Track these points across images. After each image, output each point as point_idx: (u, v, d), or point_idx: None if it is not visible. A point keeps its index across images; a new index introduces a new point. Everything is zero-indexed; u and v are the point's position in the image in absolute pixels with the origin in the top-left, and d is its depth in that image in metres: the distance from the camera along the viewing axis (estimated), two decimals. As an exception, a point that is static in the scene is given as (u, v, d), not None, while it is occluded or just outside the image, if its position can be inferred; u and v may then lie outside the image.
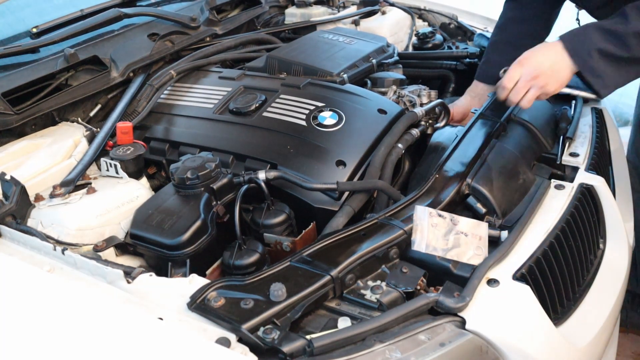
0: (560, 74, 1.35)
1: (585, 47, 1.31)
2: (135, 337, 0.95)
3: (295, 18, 2.41)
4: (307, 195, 1.38)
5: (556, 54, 1.34)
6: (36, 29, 1.78)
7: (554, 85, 1.36)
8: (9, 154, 1.48)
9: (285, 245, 1.30)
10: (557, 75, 1.35)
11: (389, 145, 1.46)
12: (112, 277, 1.08)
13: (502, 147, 1.46)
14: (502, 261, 1.17)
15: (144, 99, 1.71)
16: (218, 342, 0.93)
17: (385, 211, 1.24)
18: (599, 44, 1.30)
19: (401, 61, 1.98)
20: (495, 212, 1.32)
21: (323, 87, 1.67)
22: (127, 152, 1.47)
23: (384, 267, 1.15)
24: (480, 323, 1.04)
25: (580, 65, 1.33)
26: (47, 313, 1.00)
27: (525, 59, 1.38)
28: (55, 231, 1.26)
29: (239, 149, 1.49)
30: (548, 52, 1.36)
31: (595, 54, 1.31)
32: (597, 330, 1.28)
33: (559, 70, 1.35)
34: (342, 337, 0.96)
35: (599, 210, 1.50)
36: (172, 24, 2.01)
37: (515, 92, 1.38)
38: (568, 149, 1.58)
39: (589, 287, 1.38)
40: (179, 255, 1.22)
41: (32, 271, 1.10)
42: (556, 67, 1.34)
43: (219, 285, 1.05)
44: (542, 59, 1.35)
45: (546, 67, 1.35)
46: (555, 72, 1.35)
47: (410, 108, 1.69)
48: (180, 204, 1.29)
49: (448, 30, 2.39)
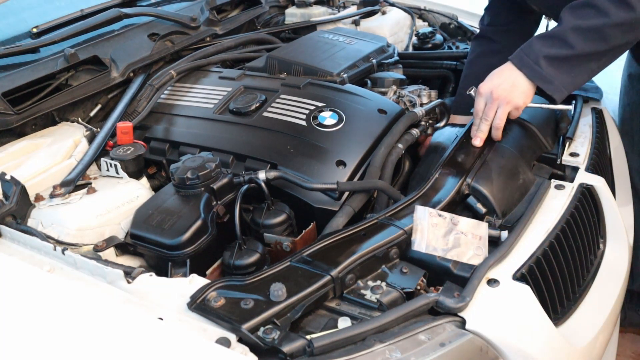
0: (521, 88, 1.40)
1: (532, 57, 1.37)
2: (135, 337, 0.95)
3: (295, 18, 2.41)
4: (307, 195, 1.38)
5: (510, 72, 1.40)
6: (36, 29, 1.78)
7: (519, 98, 1.41)
8: (9, 154, 1.48)
9: (285, 245, 1.30)
10: (517, 89, 1.40)
11: (389, 146, 1.46)
12: (112, 277, 1.08)
13: (502, 147, 1.46)
14: (502, 261, 1.17)
15: (144, 99, 1.71)
16: (218, 342, 0.93)
17: (385, 211, 1.24)
18: (543, 51, 1.35)
19: (401, 61, 1.98)
20: (495, 212, 1.32)
21: (323, 87, 1.67)
22: (127, 152, 1.47)
23: (384, 267, 1.15)
24: (480, 323, 1.03)
25: (530, 75, 1.38)
26: (47, 313, 1.00)
27: (483, 88, 1.43)
28: (56, 231, 1.26)
29: (239, 149, 1.49)
30: (502, 74, 1.42)
31: (542, 62, 1.36)
32: (597, 330, 1.28)
33: (518, 85, 1.40)
34: (342, 337, 0.96)
35: (599, 210, 1.50)
36: (172, 24, 2.01)
37: (485, 118, 1.43)
38: (568, 149, 1.58)
39: (589, 287, 1.37)
40: (179, 255, 1.22)
41: (32, 271, 1.10)
42: (514, 83, 1.40)
43: (219, 285, 1.05)
44: (498, 81, 1.41)
45: (504, 87, 1.40)
46: (514, 87, 1.40)
47: (410, 108, 1.69)
48: (180, 204, 1.29)
49: (448, 30, 2.40)
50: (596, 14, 1.32)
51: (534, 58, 1.37)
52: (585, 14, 1.34)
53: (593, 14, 1.33)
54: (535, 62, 1.36)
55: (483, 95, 1.44)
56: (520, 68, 1.39)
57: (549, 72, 1.36)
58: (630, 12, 1.30)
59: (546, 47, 1.36)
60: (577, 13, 1.35)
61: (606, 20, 1.31)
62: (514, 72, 1.40)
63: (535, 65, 1.37)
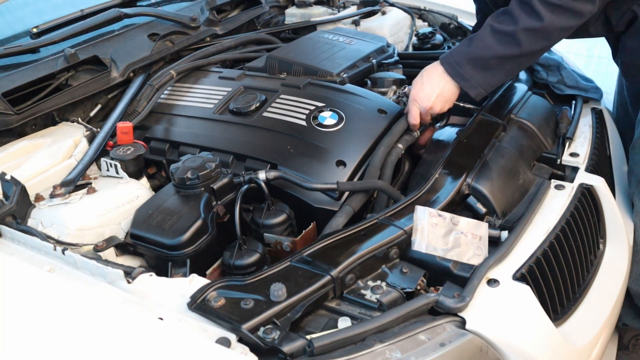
0: (449, 95, 1.54)
1: (454, 57, 1.50)
2: (136, 337, 0.95)
3: (295, 18, 2.41)
4: (307, 195, 1.38)
5: (438, 77, 1.52)
6: (36, 29, 1.78)
7: (447, 105, 1.56)
8: (9, 154, 1.48)
9: (285, 245, 1.30)
10: (446, 97, 1.53)
11: (389, 146, 1.47)
12: (113, 277, 1.08)
13: (502, 147, 1.46)
14: (502, 261, 1.17)
15: (144, 99, 1.71)
16: (218, 342, 0.93)
17: (385, 211, 1.24)
18: (465, 52, 1.48)
19: (401, 61, 1.98)
20: (495, 212, 1.32)
21: (323, 87, 1.67)
22: (127, 152, 1.47)
23: (384, 267, 1.15)
24: (481, 323, 1.04)
25: (450, 73, 1.50)
26: (47, 313, 1.01)
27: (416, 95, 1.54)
28: (56, 231, 1.26)
29: (239, 149, 1.49)
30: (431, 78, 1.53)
31: (463, 62, 1.48)
32: (597, 330, 1.28)
33: (447, 91, 1.53)
34: (342, 337, 0.96)
35: (599, 210, 1.50)
36: (172, 24, 2.01)
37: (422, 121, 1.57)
38: (568, 149, 1.58)
39: (589, 287, 1.38)
40: (179, 255, 1.22)
41: (32, 271, 1.10)
42: (444, 91, 1.53)
43: (219, 285, 1.05)
44: (430, 91, 1.52)
45: (435, 94, 1.52)
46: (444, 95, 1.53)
47: (410, 108, 1.69)
48: (180, 204, 1.29)
49: (448, 30, 2.39)
50: (510, 19, 1.43)
51: (457, 61, 1.49)
52: (503, 19, 1.45)
53: (508, 20, 1.44)
54: (457, 62, 1.49)
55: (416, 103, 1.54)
56: (446, 65, 1.51)
57: (466, 71, 1.48)
58: (539, 21, 1.40)
59: (467, 50, 1.48)
60: (498, 19, 1.47)
61: (517, 26, 1.42)
62: (443, 77, 1.51)
63: (457, 66, 1.49)
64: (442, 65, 1.51)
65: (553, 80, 1.86)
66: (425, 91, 1.53)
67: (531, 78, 1.88)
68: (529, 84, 1.81)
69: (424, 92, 1.53)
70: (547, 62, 1.88)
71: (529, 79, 1.87)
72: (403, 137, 1.52)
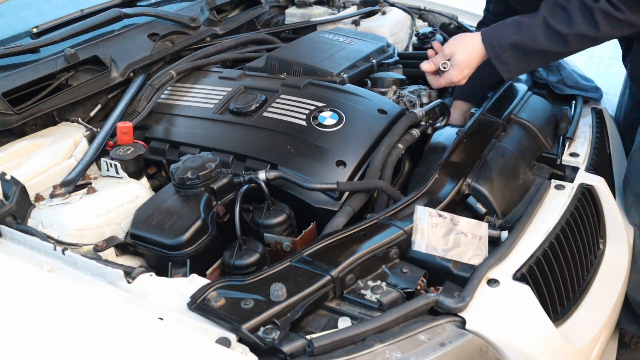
0: (471, 65, 1.54)
1: (497, 39, 1.48)
2: (136, 337, 0.95)
3: (295, 18, 2.41)
4: (307, 195, 1.38)
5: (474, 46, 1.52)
6: (36, 29, 1.77)
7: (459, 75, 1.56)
8: (9, 154, 1.48)
9: (285, 245, 1.30)
10: (466, 64, 1.54)
11: (389, 146, 1.46)
12: (113, 277, 1.08)
13: (502, 147, 1.46)
14: (502, 261, 1.17)
15: (144, 99, 1.71)
16: (218, 342, 0.93)
17: (386, 211, 1.24)
18: (511, 38, 1.46)
19: (401, 61, 1.98)
20: (495, 212, 1.32)
21: (323, 87, 1.67)
22: (127, 152, 1.47)
23: (384, 267, 1.15)
24: (481, 323, 1.04)
25: (490, 53, 1.49)
26: (47, 313, 1.00)
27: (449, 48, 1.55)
28: (56, 231, 1.26)
29: (239, 149, 1.49)
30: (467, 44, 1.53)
31: (506, 46, 1.47)
32: (596, 330, 1.28)
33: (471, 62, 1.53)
34: (342, 337, 0.96)
35: (599, 210, 1.50)
36: (172, 24, 2.01)
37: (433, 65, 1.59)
38: (568, 149, 1.58)
39: (589, 287, 1.38)
40: (179, 255, 1.22)
41: (32, 271, 1.10)
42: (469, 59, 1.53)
43: (219, 285, 1.05)
44: (467, 72, 1.54)
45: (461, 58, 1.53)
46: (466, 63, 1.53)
47: (410, 108, 1.69)
48: (180, 204, 1.29)
49: (448, 30, 2.39)
50: (566, 20, 1.40)
51: (499, 42, 1.47)
52: (559, 17, 1.41)
53: (563, 19, 1.40)
54: (500, 44, 1.47)
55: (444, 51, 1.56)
56: (486, 42, 1.49)
57: (507, 57, 1.47)
58: (595, 30, 1.38)
59: (514, 35, 1.45)
60: (554, 13, 1.42)
61: (572, 30, 1.39)
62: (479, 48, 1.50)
63: (498, 47, 1.47)
64: (484, 45, 1.50)
65: (553, 80, 1.86)
66: (464, 72, 1.54)
67: (531, 78, 1.88)
68: (529, 84, 1.81)
69: (463, 73, 1.54)
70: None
71: (529, 79, 1.87)
72: (403, 137, 1.52)
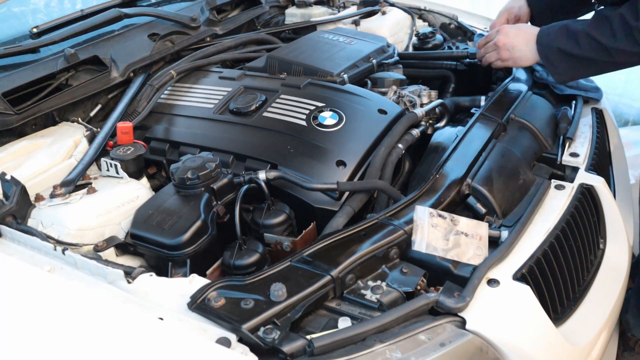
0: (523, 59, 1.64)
1: (548, 42, 1.56)
2: (136, 337, 0.95)
3: (295, 18, 2.41)
4: (308, 195, 1.38)
5: (528, 40, 1.61)
6: (36, 29, 1.77)
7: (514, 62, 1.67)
8: (9, 154, 1.48)
9: (285, 245, 1.30)
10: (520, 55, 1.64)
11: (389, 146, 1.46)
12: (113, 277, 1.08)
13: (502, 147, 1.46)
14: (502, 261, 1.17)
15: (144, 99, 1.71)
16: (218, 342, 0.93)
17: (386, 211, 1.24)
18: (558, 42, 1.53)
19: (401, 61, 1.98)
20: (495, 212, 1.32)
21: (323, 87, 1.67)
22: (127, 152, 1.47)
23: (384, 267, 1.15)
24: (481, 323, 1.04)
25: (541, 52, 1.57)
26: (47, 313, 1.00)
27: (504, 32, 1.65)
28: (56, 231, 1.26)
29: (239, 149, 1.49)
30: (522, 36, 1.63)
31: (554, 49, 1.54)
32: (596, 330, 1.28)
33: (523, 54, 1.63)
34: (342, 337, 0.96)
35: (599, 210, 1.50)
36: (172, 24, 2.01)
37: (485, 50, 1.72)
38: (568, 149, 1.58)
39: (589, 287, 1.38)
40: (179, 255, 1.22)
41: (33, 271, 1.10)
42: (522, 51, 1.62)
43: (219, 285, 1.05)
44: (515, 41, 1.63)
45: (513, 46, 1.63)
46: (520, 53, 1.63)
47: (410, 108, 1.69)
48: (180, 204, 1.29)
49: (448, 30, 2.39)
50: (609, 32, 1.43)
51: (549, 44, 1.55)
52: (602, 27, 1.45)
53: (606, 31, 1.44)
54: (549, 47, 1.55)
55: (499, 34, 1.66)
56: (539, 43, 1.57)
57: (555, 59, 1.54)
58: (635, 47, 1.41)
59: (562, 40, 1.52)
60: (597, 23, 1.46)
61: (614, 44, 1.43)
62: (532, 44, 1.58)
63: (548, 49, 1.55)
64: (536, 45, 1.57)
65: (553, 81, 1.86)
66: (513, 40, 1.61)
67: (531, 78, 1.88)
68: (529, 84, 1.81)
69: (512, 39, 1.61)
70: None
71: (529, 79, 1.87)
72: (403, 137, 1.52)
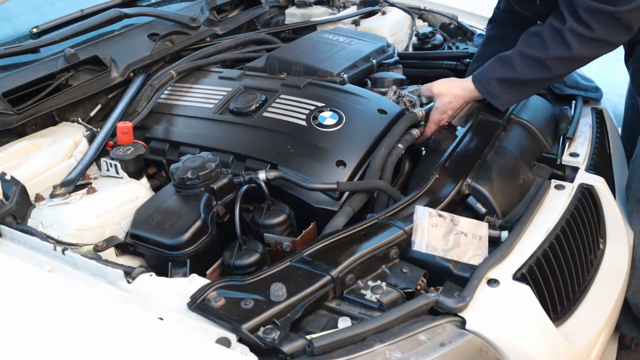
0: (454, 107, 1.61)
1: (485, 77, 1.54)
2: (135, 337, 0.95)
3: (295, 18, 2.41)
4: (308, 195, 1.38)
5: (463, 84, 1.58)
6: (36, 29, 1.77)
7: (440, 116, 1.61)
8: (9, 154, 1.48)
9: (285, 245, 1.30)
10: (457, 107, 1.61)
11: (389, 146, 1.46)
12: (113, 277, 1.08)
13: (502, 147, 1.46)
14: (502, 261, 1.17)
15: (144, 99, 1.71)
16: (218, 342, 0.93)
17: (386, 211, 1.24)
18: (495, 73, 1.52)
19: (401, 61, 1.98)
20: (495, 212, 1.32)
21: (323, 87, 1.67)
22: (127, 152, 1.47)
23: (384, 267, 1.15)
24: (481, 323, 1.04)
25: (481, 90, 1.55)
26: (47, 313, 1.01)
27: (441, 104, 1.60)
28: (56, 231, 1.26)
29: (239, 149, 1.49)
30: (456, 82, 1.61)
31: (493, 81, 1.52)
32: (596, 330, 1.28)
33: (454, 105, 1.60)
34: (342, 337, 0.96)
35: (599, 210, 1.50)
36: (172, 24, 2.01)
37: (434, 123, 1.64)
38: (568, 149, 1.58)
39: (589, 287, 1.38)
40: (179, 255, 1.22)
41: (32, 271, 1.10)
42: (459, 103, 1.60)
43: (219, 285, 1.05)
44: (455, 104, 1.59)
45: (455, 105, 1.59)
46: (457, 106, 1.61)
47: (410, 108, 1.69)
48: (180, 204, 1.29)
49: (448, 30, 2.39)
50: (540, 45, 1.44)
51: (486, 78, 1.53)
52: (533, 42, 1.46)
53: (537, 45, 1.44)
54: (487, 80, 1.53)
55: (438, 110, 1.60)
56: (476, 81, 1.55)
57: (496, 90, 1.52)
58: (568, 51, 1.41)
59: (497, 69, 1.51)
60: (528, 42, 1.47)
61: (547, 54, 1.43)
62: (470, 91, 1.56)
63: (486, 83, 1.53)
64: (475, 85, 1.55)
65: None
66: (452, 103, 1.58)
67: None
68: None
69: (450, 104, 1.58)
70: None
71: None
72: (403, 137, 1.52)
